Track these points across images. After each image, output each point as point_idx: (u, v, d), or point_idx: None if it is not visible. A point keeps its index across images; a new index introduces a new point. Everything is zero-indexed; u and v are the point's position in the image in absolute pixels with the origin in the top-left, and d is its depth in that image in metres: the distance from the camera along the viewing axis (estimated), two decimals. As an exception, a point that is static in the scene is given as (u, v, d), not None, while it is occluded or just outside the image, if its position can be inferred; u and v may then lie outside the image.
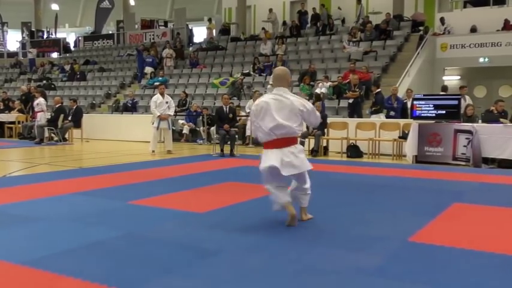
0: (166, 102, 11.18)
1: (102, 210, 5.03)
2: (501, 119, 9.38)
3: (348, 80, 13.34)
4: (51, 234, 4.09)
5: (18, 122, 16.05)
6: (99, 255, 3.51)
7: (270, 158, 4.22)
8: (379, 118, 11.49)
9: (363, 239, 3.96)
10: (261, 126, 4.25)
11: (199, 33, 25.23)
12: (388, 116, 11.65)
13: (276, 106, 4.17)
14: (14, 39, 32.43)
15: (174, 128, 13.33)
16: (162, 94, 11.23)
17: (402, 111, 11.70)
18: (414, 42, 16.30)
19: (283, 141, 4.21)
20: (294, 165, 4.20)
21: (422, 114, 9.72)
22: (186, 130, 14.47)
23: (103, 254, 3.54)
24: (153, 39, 23.28)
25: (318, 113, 4.41)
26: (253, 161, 9.62)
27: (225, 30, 22.15)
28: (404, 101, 11.93)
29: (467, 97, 11.28)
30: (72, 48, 27.50)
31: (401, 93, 12.64)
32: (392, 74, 14.88)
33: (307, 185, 4.47)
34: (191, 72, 18.67)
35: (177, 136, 14.42)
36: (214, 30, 22.68)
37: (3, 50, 30.25)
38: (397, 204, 5.53)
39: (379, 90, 12.18)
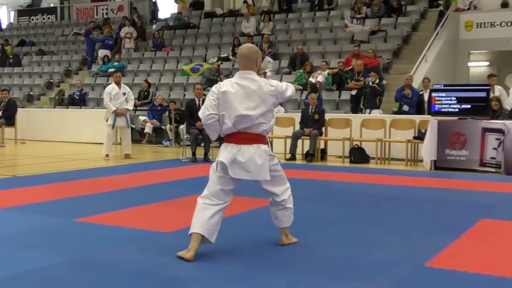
0: (124, 94, 11.12)
1: (42, 229, 4.98)
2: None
3: (351, 67, 13.41)
4: (-24, 260, 4.04)
5: None
6: (36, 286, 3.48)
7: (222, 154, 4.18)
8: (376, 114, 11.60)
9: (369, 265, 3.98)
10: (220, 120, 4.17)
11: (165, 8, 25.15)
12: (400, 112, 11.73)
13: (240, 94, 4.12)
14: None
15: (133, 126, 13.28)
16: (118, 84, 11.18)
17: (418, 106, 11.79)
18: (432, 19, 16.42)
19: (244, 136, 4.15)
20: (246, 168, 4.14)
21: (443, 109, 9.79)
22: (148, 129, 14.42)
23: (41, 283, 3.51)
24: (107, 14, 23.16)
25: (292, 86, 4.37)
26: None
27: (197, 4, 22.12)
28: (421, 92, 12.02)
29: (497, 88, 11.41)
30: (3, 25, 27.21)
31: (416, 83, 12.72)
32: (406, 59, 14.98)
33: (285, 196, 4.41)
34: (155, 56, 18.61)
35: (138, 136, 14.36)
36: (185, 5, 22.62)
37: None
38: (411, 220, 5.57)
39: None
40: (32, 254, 4.16)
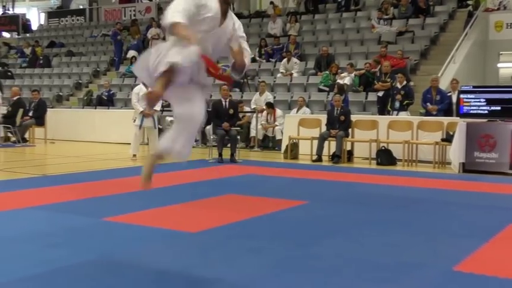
0: (151, 95, 11.18)
1: (70, 228, 5.04)
2: None
3: (378, 68, 13.33)
4: (4, 257, 4.09)
5: (-33, 119, 16.11)
6: (63, 284, 3.52)
7: None
8: (404, 116, 11.52)
9: (395, 268, 3.95)
10: None
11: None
12: (427, 114, 11.62)
13: None
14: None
15: (160, 126, 13.35)
16: (145, 84, 11.24)
17: (447, 108, 11.67)
18: (461, 20, 16.25)
19: None
20: None
21: (472, 111, 9.68)
22: (175, 129, 14.47)
23: (68, 283, 3.55)
24: (134, 15, 23.36)
25: None
26: (259, 169, 9.64)
27: (224, 5, 22.15)
28: (449, 94, 11.90)
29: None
30: (33, 27, 27.64)
31: (444, 85, 12.59)
32: (434, 60, 14.84)
33: None
34: (182, 57, 18.67)
35: (164, 137, 14.42)
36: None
37: None
38: (438, 224, 5.51)
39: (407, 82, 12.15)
40: (60, 252, 4.20)
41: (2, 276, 3.60)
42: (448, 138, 10.17)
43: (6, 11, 30.35)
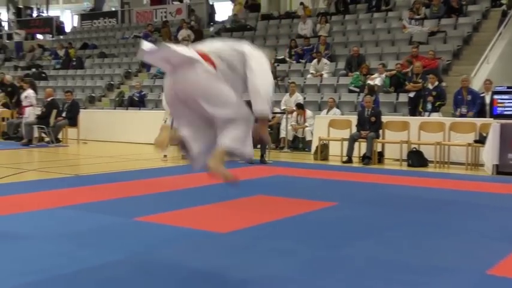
0: (182, 96, 11.24)
1: (101, 227, 5.11)
2: None
3: (410, 68, 13.20)
4: (36, 256, 4.16)
5: (3, 119, 16.44)
6: (94, 283, 3.57)
7: None
8: (435, 117, 11.41)
9: (427, 271, 3.90)
10: None
11: (222, 10, 25.40)
12: (459, 115, 11.48)
13: None
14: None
15: (190, 127, 13.41)
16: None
17: (479, 109, 11.51)
18: (495, 19, 16.00)
19: None
20: None
21: (506, 112, 9.55)
22: (205, 130, 14.55)
23: (99, 282, 3.59)
24: (165, 17, 23.55)
25: None
26: (289, 170, 9.64)
27: (254, 6, 22.22)
28: (482, 94, 11.73)
29: None
30: (67, 29, 28.05)
31: (477, 85, 12.41)
32: (466, 61, 14.64)
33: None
34: (212, 58, 18.74)
35: (195, 137, 14.50)
36: (241, 7, 22.75)
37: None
38: (471, 227, 5.44)
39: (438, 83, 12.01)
40: (91, 252, 4.26)
41: (35, 275, 3.66)
42: (481, 140, 10.03)
43: (41, 14, 30.88)
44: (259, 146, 10.81)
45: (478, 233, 5.14)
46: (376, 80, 13.44)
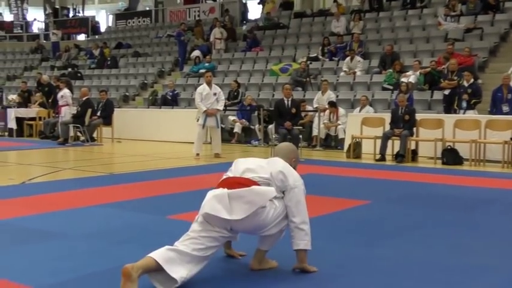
0: (215, 94, 11.29)
1: (136, 225, 5.17)
2: None
3: (446, 65, 13.03)
4: (74, 253, 4.23)
5: (39, 119, 16.74)
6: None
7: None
8: (471, 115, 11.23)
9: (462, 271, 3.85)
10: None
11: (254, 8, 25.42)
12: (497, 112, 11.29)
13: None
14: (34, 19, 33.84)
15: (223, 126, 13.50)
16: (209, 84, 11.37)
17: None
18: (533, 15, 15.72)
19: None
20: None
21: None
22: (237, 129, 14.62)
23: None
24: (199, 16, 23.69)
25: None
26: (322, 168, 9.60)
27: (287, 4, 22.20)
28: (518, 92, 11.52)
29: None
30: (102, 28, 28.44)
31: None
32: (503, 58, 14.41)
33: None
34: (244, 56, 18.83)
35: (227, 136, 14.58)
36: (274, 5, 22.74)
37: (22, 32, 31.71)
38: (507, 226, 5.35)
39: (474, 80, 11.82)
40: (126, 249, 4.31)
41: (68, 273, 3.72)
42: (518, 138, 9.85)
43: (77, 14, 31.36)
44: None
45: (514, 232, 5.07)
46: (410, 78, 13.31)
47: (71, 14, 31.46)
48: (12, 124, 16.66)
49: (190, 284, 3.42)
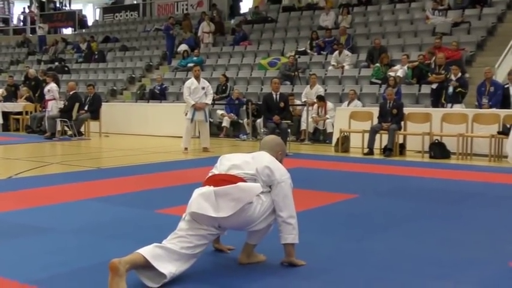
0: (203, 88, 11.27)
1: (124, 220, 5.16)
2: None
3: (432, 60, 13.08)
4: (64, 248, 4.22)
5: (26, 113, 16.64)
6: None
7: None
8: (458, 109, 11.28)
9: (451, 263, 3.88)
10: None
11: (244, 2, 25.36)
12: (480, 106, 11.35)
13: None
14: (20, 12, 33.53)
15: (211, 120, 13.47)
16: (197, 78, 11.34)
17: (503, 100, 11.36)
18: (520, 9, 15.80)
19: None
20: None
21: (530, 103, 9.40)
22: (226, 123, 14.60)
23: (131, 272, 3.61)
24: (187, 10, 23.59)
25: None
26: (311, 162, 9.62)
27: (275, -2, 22.15)
28: (506, 86, 11.58)
29: None
30: (89, 22, 28.24)
31: (502, 77, 12.26)
32: (490, 52, 14.46)
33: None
34: (233, 50, 18.79)
35: (216, 130, 14.57)
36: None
37: (7, 26, 31.42)
38: (494, 219, 5.39)
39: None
40: (115, 243, 4.30)
41: (63, 266, 3.72)
42: (505, 131, 9.89)
43: (63, 8, 31.13)
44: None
45: (502, 225, 5.10)
46: (398, 72, 13.35)
47: (57, 8, 31.20)
48: (-2, 119, 16.54)
49: (178, 278, 3.42)
